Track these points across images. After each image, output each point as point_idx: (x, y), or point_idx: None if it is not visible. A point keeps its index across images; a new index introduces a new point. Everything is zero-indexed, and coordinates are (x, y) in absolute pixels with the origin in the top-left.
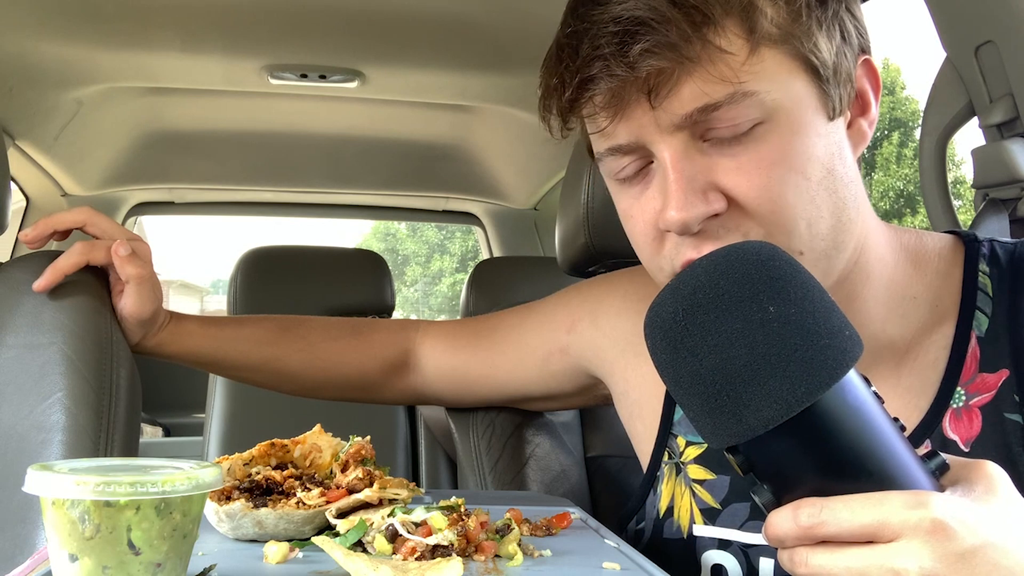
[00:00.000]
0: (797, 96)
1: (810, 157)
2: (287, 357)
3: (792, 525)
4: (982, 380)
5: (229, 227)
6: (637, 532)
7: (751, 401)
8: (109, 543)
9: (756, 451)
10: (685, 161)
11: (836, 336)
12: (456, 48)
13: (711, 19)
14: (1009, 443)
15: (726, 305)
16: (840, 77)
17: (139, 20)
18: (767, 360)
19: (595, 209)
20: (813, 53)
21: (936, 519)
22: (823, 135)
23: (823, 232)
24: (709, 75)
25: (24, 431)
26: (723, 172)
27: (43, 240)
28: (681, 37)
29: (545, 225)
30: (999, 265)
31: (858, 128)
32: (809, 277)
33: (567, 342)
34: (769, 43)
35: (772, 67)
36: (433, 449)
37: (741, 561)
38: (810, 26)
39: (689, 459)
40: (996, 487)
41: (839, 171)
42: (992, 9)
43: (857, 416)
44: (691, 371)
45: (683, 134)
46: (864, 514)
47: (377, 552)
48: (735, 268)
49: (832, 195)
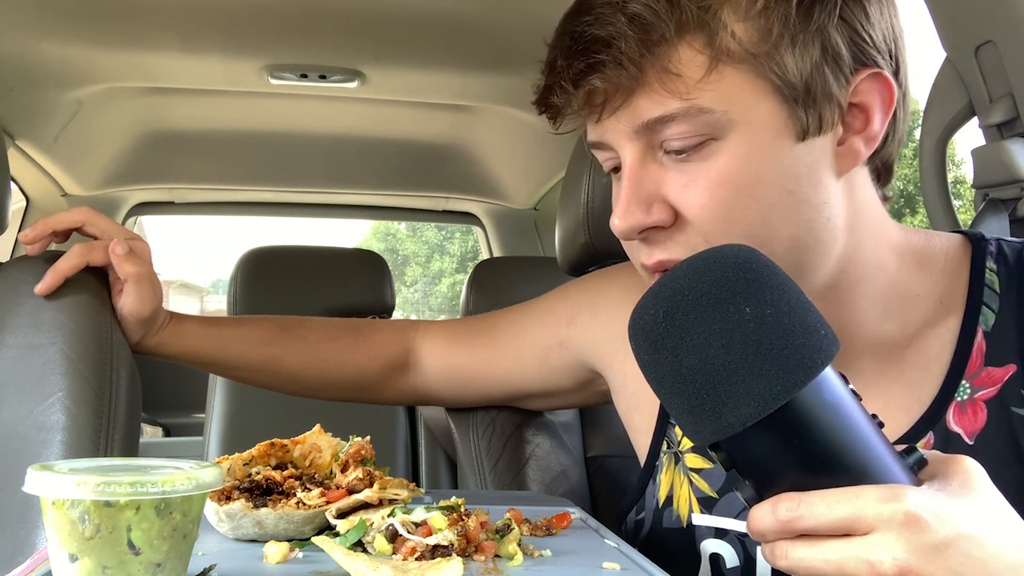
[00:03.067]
0: (757, 117)
1: (763, 180)
2: (287, 357)
3: (772, 519)
4: (988, 374)
5: (229, 227)
6: (637, 523)
7: (729, 399)
8: (109, 543)
9: (737, 448)
10: (640, 170)
11: (812, 335)
12: (456, 48)
13: (666, 39)
14: (1016, 437)
15: (704, 307)
16: (815, 96)
17: (139, 20)
18: (744, 359)
19: (595, 209)
20: (777, 74)
21: (909, 512)
22: (787, 157)
23: (778, 254)
24: (663, 91)
25: (24, 431)
26: (672, 186)
27: (45, 242)
28: (631, 57)
29: (545, 225)
30: (1006, 263)
31: (850, 146)
32: (785, 278)
33: (566, 335)
34: (729, 61)
35: (731, 86)
36: (433, 449)
37: (738, 549)
38: (779, 44)
39: (687, 448)
40: (972, 481)
41: (805, 194)
42: (992, 9)
43: (834, 413)
44: (672, 371)
45: (643, 142)
46: (840, 508)
47: (377, 552)
48: (713, 271)
49: (793, 217)
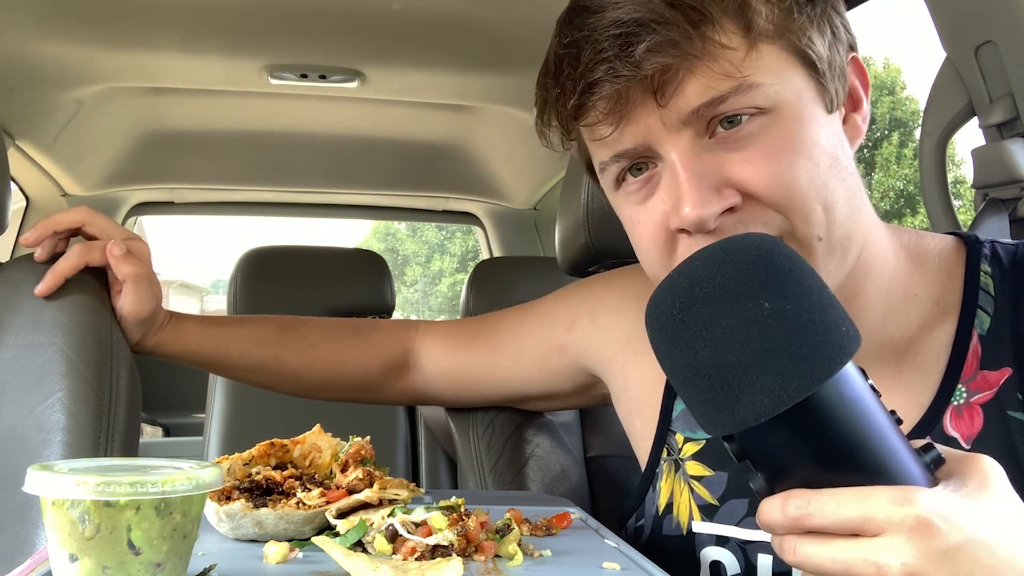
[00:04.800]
0: (797, 89)
1: (816, 143)
2: (287, 357)
3: (780, 515)
4: (983, 378)
5: (229, 227)
6: (637, 529)
7: (743, 394)
8: (109, 543)
9: (750, 440)
10: (694, 159)
11: (831, 332)
12: (456, 48)
13: (708, 17)
14: (1013, 441)
15: (721, 300)
16: (835, 71)
17: (139, 20)
18: (760, 355)
19: (595, 209)
20: (809, 47)
21: (920, 516)
22: (824, 125)
23: (839, 218)
24: (712, 71)
25: (24, 431)
26: (732, 166)
27: (49, 243)
28: (682, 35)
29: (545, 225)
30: (1001, 266)
31: (853, 123)
32: (809, 271)
33: (566, 340)
34: (766, 39)
35: (771, 62)
36: (433, 449)
37: (739, 557)
38: (803, 22)
39: (687, 456)
40: (989, 482)
41: (844, 161)
42: (992, 9)
43: (851, 410)
44: (686, 363)
45: (689, 132)
46: (850, 508)
47: (377, 552)
48: (732, 263)
49: (841, 183)
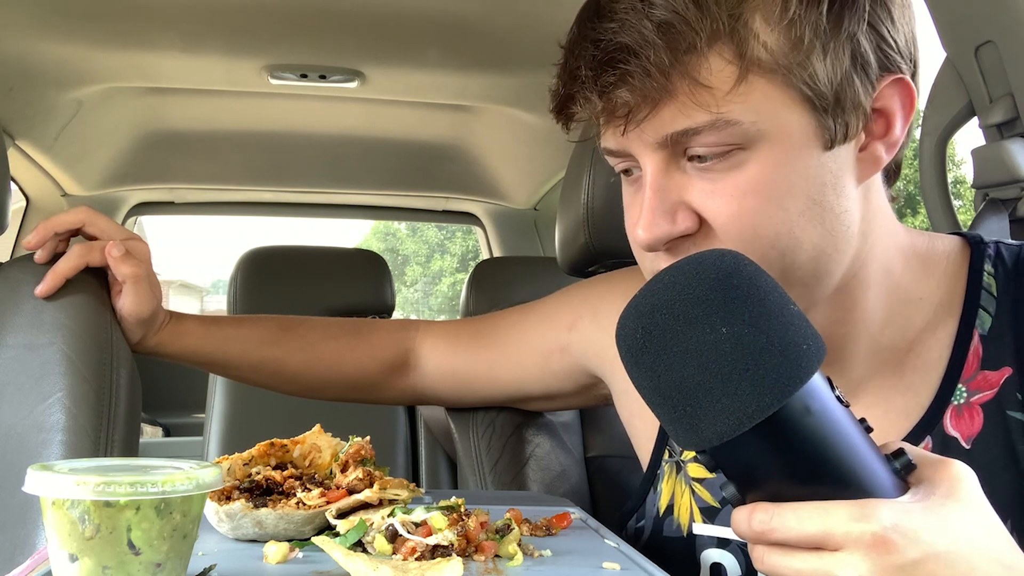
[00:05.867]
0: (786, 127)
1: (790, 189)
2: (287, 357)
3: (746, 527)
4: (984, 377)
5: (229, 227)
6: (637, 530)
7: (705, 416)
8: (109, 543)
9: (720, 455)
10: (663, 178)
11: (790, 351)
12: (456, 48)
13: (695, 48)
14: (1012, 441)
15: (681, 326)
16: (844, 104)
17: (139, 20)
18: (719, 378)
19: (595, 209)
20: (808, 84)
21: (876, 533)
22: (814, 166)
23: (800, 262)
24: (689, 101)
25: (24, 431)
26: (698, 193)
27: (50, 245)
28: (659, 67)
29: (545, 225)
30: (1004, 265)
31: (871, 152)
32: (770, 289)
33: (568, 341)
34: (759, 71)
35: (760, 97)
36: (433, 449)
37: (740, 560)
38: (810, 53)
39: (689, 457)
40: (958, 490)
41: (829, 202)
42: (992, 9)
43: (816, 424)
44: (651, 385)
45: (665, 151)
46: (810, 524)
47: (377, 552)
48: (692, 286)
49: (817, 227)
